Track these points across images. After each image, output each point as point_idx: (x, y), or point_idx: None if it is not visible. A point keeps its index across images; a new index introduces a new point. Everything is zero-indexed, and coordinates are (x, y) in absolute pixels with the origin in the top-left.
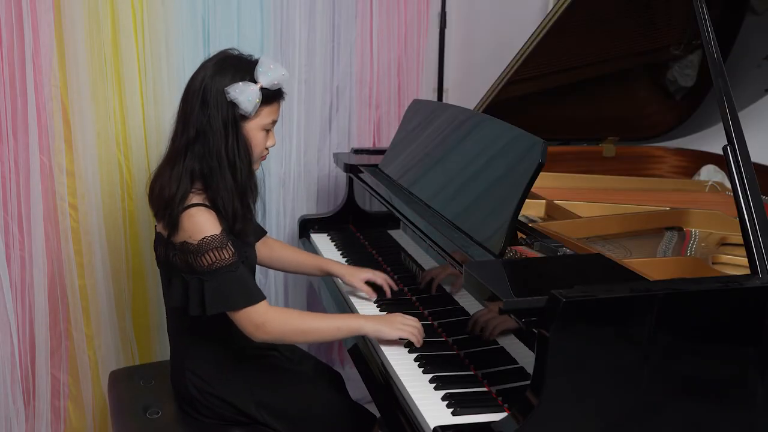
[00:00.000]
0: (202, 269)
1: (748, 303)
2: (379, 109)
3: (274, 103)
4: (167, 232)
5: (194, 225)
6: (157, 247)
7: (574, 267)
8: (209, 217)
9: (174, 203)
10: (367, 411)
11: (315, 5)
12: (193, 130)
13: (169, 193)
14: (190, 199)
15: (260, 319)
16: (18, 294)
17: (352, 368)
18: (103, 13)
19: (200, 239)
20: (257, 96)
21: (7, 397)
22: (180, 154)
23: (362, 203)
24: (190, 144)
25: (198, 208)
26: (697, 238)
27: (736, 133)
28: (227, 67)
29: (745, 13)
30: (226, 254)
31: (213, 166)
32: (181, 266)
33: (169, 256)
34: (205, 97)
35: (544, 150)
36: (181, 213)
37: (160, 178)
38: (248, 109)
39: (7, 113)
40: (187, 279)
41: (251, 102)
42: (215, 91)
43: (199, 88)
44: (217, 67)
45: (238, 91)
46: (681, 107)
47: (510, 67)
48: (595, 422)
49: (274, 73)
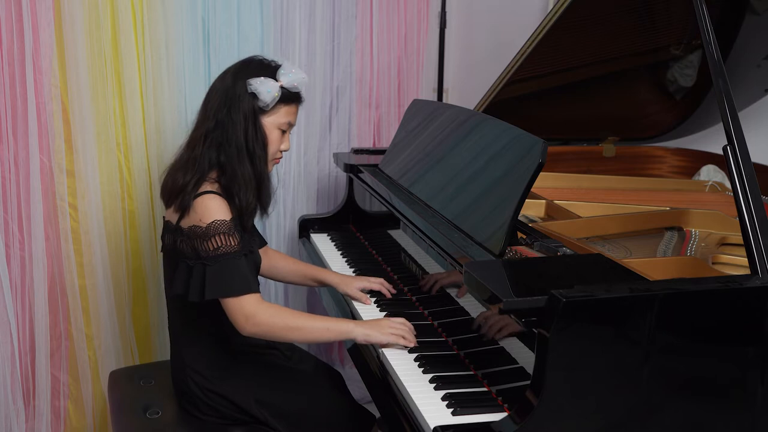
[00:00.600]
0: (206, 253)
1: (748, 303)
2: (379, 109)
3: (291, 104)
4: (178, 215)
5: (206, 209)
6: (165, 236)
7: (574, 267)
8: (221, 203)
9: (188, 188)
10: (367, 411)
11: (315, 5)
12: (212, 120)
13: (184, 179)
14: (204, 187)
15: (251, 310)
16: (18, 294)
17: (352, 368)
18: (103, 13)
19: (209, 222)
20: (276, 90)
21: (7, 397)
22: (199, 141)
23: (362, 203)
24: (209, 132)
25: (211, 195)
26: (697, 238)
27: (736, 133)
28: (251, 66)
29: (745, 13)
30: (233, 241)
31: (231, 153)
32: (187, 251)
33: (176, 243)
34: (227, 90)
35: (544, 150)
36: (194, 198)
37: (176, 163)
38: (266, 100)
39: (7, 113)
40: (191, 264)
41: (270, 94)
42: (238, 85)
43: (222, 85)
44: (241, 66)
45: (259, 83)
46: (681, 107)
47: (510, 67)
48: (595, 422)
49: (295, 75)
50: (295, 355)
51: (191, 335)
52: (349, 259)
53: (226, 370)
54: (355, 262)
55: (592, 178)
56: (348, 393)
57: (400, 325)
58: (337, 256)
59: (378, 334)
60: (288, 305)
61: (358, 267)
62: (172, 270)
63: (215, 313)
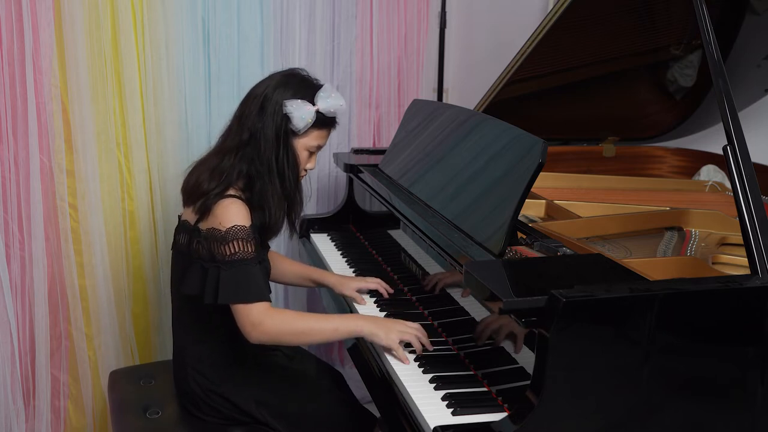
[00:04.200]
0: (222, 258)
1: (748, 303)
2: (379, 109)
3: (324, 129)
4: (197, 217)
5: (226, 212)
6: (179, 234)
7: (574, 267)
8: (242, 209)
9: (211, 194)
10: (368, 411)
11: (315, 5)
12: (247, 133)
13: (209, 185)
14: (229, 192)
15: (259, 318)
16: (18, 294)
17: (352, 368)
18: (103, 13)
19: (229, 227)
20: (311, 116)
21: (7, 397)
22: (231, 152)
23: (362, 203)
24: (242, 145)
25: (233, 199)
26: (697, 238)
27: (736, 133)
28: (292, 83)
29: (745, 13)
30: (250, 247)
31: (261, 171)
32: (203, 254)
33: (192, 243)
34: (264, 104)
35: (544, 150)
36: (216, 201)
37: (202, 166)
38: (299, 126)
39: (7, 113)
40: (206, 266)
41: (303, 120)
42: (274, 102)
43: (261, 95)
44: (283, 79)
45: (295, 107)
46: (681, 107)
47: (510, 67)
48: (595, 422)
49: (334, 101)
50: (297, 355)
51: (199, 334)
52: (349, 259)
53: (228, 371)
54: (355, 262)
55: (592, 178)
56: (349, 393)
57: (412, 330)
58: (337, 256)
59: (384, 337)
60: (288, 305)
61: (358, 267)
62: (183, 269)
63: (220, 315)
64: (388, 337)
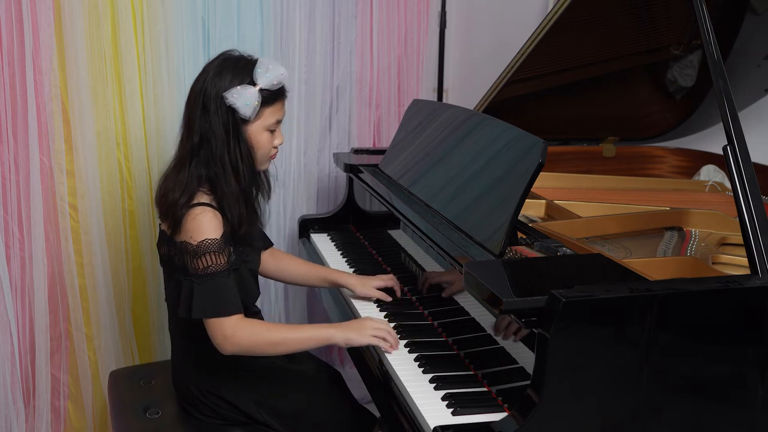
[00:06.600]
0: (195, 271)
1: (748, 303)
2: (379, 109)
3: (276, 102)
4: (170, 230)
5: (197, 225)
6: (161, 246)
7: (574, 267)
8: (212, 219)
9: (178, 205)
10: (368, 411)
11: (315, 5)
12: (197, 135)
13: (173, 198)
14: (197, 198)
15: (231, 330)
16: (18, 294)
17: (352, 368)
18: (103, 13)
19: (200, 241)
20: (256, 98)
21: (7, 397)
22: (186, 160)
23: (362, 203)
24: (194, 149)
25: (203, 209)
26: (697, 238)
27: (736, 133)
28: (226, 70)
29: (745, 13)
30: (222, 260)
31: (218, 172)
32: (178, 266)
33: (171, 255)
34: (205, 102)
35: (544, 150)
36: (186, 212)
37: (166, 182)
38: (247, 114)
39: (7, 113)
40: (182, 280)
41: (250, 106)
42: (214, 96)
43: (200, 93)
44: (216, 69)
45: (236, 96)
46: (681, 107)
47: (510, 67)
48: (595, 422)
49: (273, 73)
50: (296, 355)
51: (191, 338)
52: (349, 259)
53: (227, 372)
54: (355, 262)
55: (592, 178)
56: (348, 393)
57: (383, 325)
58: (337, 256)
59: (358, 337)
60: (288, 306)
61: (358, 267)
62: (167, 280)
63: None
64: (362, 336)
